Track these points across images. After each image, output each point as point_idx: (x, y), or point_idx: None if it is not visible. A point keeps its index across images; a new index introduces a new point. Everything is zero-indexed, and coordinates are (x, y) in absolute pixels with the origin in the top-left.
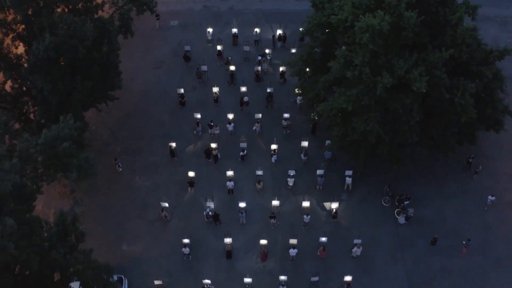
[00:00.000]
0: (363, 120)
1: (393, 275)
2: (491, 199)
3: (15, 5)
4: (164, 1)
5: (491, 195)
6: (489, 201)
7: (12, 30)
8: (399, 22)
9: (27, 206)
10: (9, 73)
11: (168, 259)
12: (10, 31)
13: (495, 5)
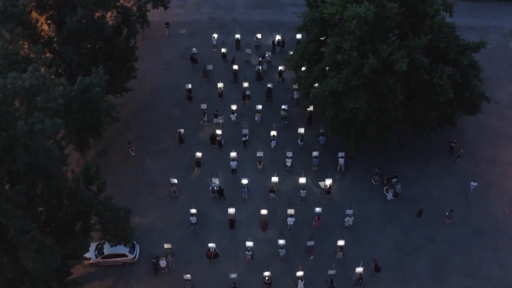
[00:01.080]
0: (352, 99)
1: (383, 244)
2: (473, 185)
3: None
4: (173, 13)
5: (473, 181)
6: (472, 187)
7: (47, 11)
8: (382, 12)
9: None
10: (42, 49)
11: (176, 229)
12: (44, 12)
13: (476, 16)
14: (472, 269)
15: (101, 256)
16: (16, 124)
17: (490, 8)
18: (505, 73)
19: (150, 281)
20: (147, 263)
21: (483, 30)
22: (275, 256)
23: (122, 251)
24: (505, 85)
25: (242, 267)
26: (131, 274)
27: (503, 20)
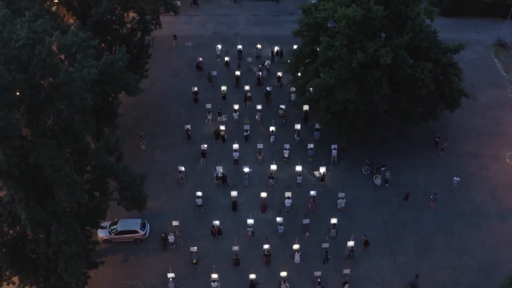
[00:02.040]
0: (343, 91)
1: (373, 224)
2: (456, 179)
3: None
4: (180, 28)
5: (456, 176)
6: (455, 181)
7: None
8: (369, 14)
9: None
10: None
11: (183, 211)
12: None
13: (460, 31)
14: (455, 247)
15: (115, 233)
16: (58, 74)
17: (473, 24)
18: (486, 80)
19: (159, 255)
20: (156, 240)
21: (467, 43)
22: (274, 233)
23: (133, 228)
24: (486, 89)
25: (243, 243)
26: (141, 250)
27: (485, 35)
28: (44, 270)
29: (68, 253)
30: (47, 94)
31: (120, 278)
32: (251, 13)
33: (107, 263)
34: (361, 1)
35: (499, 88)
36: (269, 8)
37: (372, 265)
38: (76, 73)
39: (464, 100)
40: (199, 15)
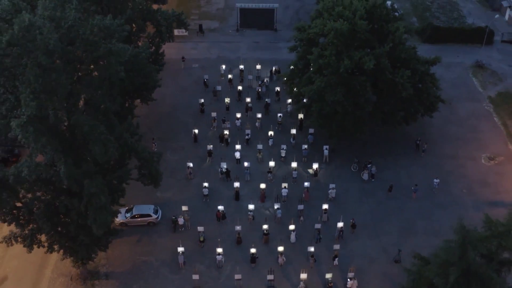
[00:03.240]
0: (332, 93)
1: (360, 211)
2: (436, 181)
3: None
4: (187, 53)
5: (435, 178)
6: (435, 184)
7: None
8: (354, 27)
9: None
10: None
11: (191, 200)
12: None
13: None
14: (434, 231)
15: (130, 216)
16: (98, 49)
17: (454, 49)
18: (465, 95)
19: (170, 236)
20: (167, 224)
21: (448, 65)
22: (272, 219)
23: (147, 212)
24: (464, 103)
25: (245, 225)
26: (154, 232)
27: (465, 58)
28: (75, 226)
29: (98, 205)
30: (87, 67)
31: (135, 255)
32: (252, 40)
33: (124, 242)
34: (348, 16)
35: (476, 102)
36: (268, 36)
37: (360, 244)
38: (113, 48)
39: (444, 111)
40: (205, 42)
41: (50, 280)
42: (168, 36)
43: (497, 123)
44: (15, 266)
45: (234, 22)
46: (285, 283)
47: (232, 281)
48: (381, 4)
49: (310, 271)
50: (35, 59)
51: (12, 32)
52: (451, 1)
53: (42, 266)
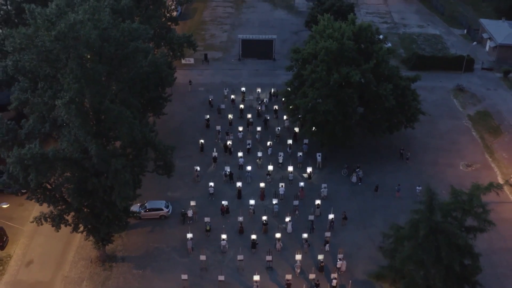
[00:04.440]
0: (324, 104)
1: (349, 208)
2: (418, 189)
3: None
4: (194, 78)
5: (418, 186)
6: (418, 191)
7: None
8: (342, 46)
9: None
10: None
11: (198, 198)
12: None
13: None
14: None
15: (144, 210)
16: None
17: (437, 75)
18: (446, 114)
19: (179, 227)
20: (177, 218)
21: (431, 88)
22: (271, 213)
23: (159, 206)
24: (446, 120)
25: (246, 218)
26: (165, 224)
27: (447, 82)
28: (101, 201)
29: (123, 180)
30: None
31: (148, 242)
32: (253, 68)
33: (138, 232)
34: (337, 37)
35: (456, 119)
36: (268, 65)
37: (348, 234)
38: (140, 46)
39: (426, 126)
40: (210, 69)
41: (72, 263)
42: (179, 54)
43: (475, 137)
44: (40, 252)
45: (236, 52)
46: (282, 264)
47: (235, 263)
48: (367, 27)
49: (304, 255)
50: (77, 51)
51: (59, 28)
52: (436, 35)
53: (64, 252)
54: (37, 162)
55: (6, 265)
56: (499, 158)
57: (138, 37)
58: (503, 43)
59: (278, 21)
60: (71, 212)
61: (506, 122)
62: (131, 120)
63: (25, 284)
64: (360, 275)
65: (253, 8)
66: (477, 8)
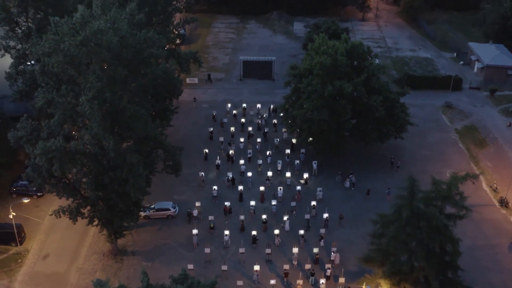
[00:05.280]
0: (319, 114)
1: (343, 209)
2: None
3: None
4: (198, 96)
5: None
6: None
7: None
8: (336, 62)
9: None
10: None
11: (202, 202)
12: None
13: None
14: None
15: (153, 210)
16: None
17: (427, 94)
18: (434, 128)
19: (185, 226)
20: (183, 218)
21: (421, 105)
22: (270, 214)
23: (167, 207)
24: (435, 133)
25: (247, 218)
26: (172, 223)
27: (436, 100)
28: (116, 194)
29: (137, 173)
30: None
31: (156, 239)
32: (253, 88)
33: (147, 230)
34: (331, 53)
35: (444, 133)
36: (267, 84)
37: (342, 232)
38: (154, 52)
39: (415, 138)
40: (213, 89)
41: (86, 257)
42: (186, 68)
43: (461, 148)
44: (55, 247)
45: (238, 73)
46: (280, 257)
47: (237, 256)
48: (358, 45)
49: (300, 249)
50: (100, 55)
51: (85, 34)
52: (427, 58)
53: (78, 247)
54: (60, 153)
55: (24, 258)
56: (484, 166)
57: (152, 44)
58: (490, 64)
59: (277, 46)
60: (87, 206)
61: (492, 135)
62: (146, 118)
63: (42, 274)
64: (352, 267)
65: (254, 33)
66: (467, 34)
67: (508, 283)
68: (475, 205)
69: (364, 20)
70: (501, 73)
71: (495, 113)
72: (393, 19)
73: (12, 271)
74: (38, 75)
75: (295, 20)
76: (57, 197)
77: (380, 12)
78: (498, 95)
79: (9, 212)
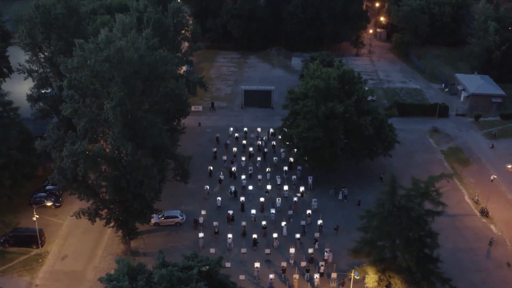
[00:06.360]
0: (313, 132)
1: (335, 218)
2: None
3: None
4: (202, 122)
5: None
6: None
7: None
8: (329, 85)
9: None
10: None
11: (207, 211)
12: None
13: (406, 124)
14: None
15: (162, 217)
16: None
17: (415, 120)
18: (421, 149)
19: (192, 232)
20: (190, 225)
21: (409, 130)
22: (269, 221)
23: (175, 215)
24: (422, 154)
25: (248, 224)
26: (180, 229)
27: (423, 125)
28: (132, 195)
29: (151, 174)
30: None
31: (165, 242)
32: (254, 115)
33: (157, 235)
34: (324, 78)
35: (431, 153)
36: (267, 112)
37: (334, 237)
38: (169, 68)
39: (403, 158)
40: (216, 116)
41: (101, 258)
42: (193, 91)
43: (446, 166)
44: (73, 250)
45: (239, 102)
46: (278, 257)
47: (239, 257)
48: (349, 71)
49: (297, 250)
50: (122, 70)
51: (109, 52)
52: (416, 89)
53: (94, 249)
54: (85, 156)
55: (45, 258)
56: (467, 182)
57: (166, 62)
58: (475, 92)
59: (276, 78)
60: (104, 209)
61: (475, 156)
62: (160, 126)
63: (61, 272)
64: (343, 266)
65: (254, 67)
66: (455, 67)
67: (486, 280)
68: (458, 214)
69: (358, 56)
70: (485, 101)
71: (479, 136)
72: (385, 55)
73: (33, 269)
74: (65, 88)
75: (293, 56)
76: (72, 208)
77: (374, 48)
78: (482, 120)
79: (29, 219)
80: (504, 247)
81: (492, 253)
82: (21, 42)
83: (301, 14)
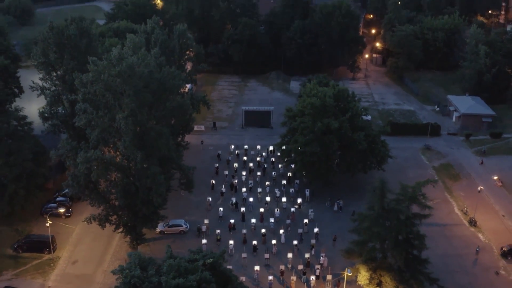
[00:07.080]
0: (310, 146)
1: (331, 227)
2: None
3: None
4: (204, 140)
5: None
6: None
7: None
8: (324, 103)
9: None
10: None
11: (210, 221)
12: None
13: (399, 143)
14: None
15: (167, 226)
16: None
17: (407, 138)
18: (414, 165)
19: (195, 239)
20: (193, 233)
21: (403, 148)
22: (269, 229)
23: (179, 223)
24: (414, 169)
25: (249, 232)
26: (184, 237)
27: (416, 143)
28: (141, 201)
29: (159, 181)
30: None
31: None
32: (254, 134)
33: (162, 242)
34: (320, 96)
35: (423, 169)
36: (266, 131)
37: (330, 244)
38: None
39: (396, 174)
40: (218, 135)
41: (109, 263)
42: (197, 108)
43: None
44: (83, 255)
45: (240, 122)
46: (277, 262)
47: (240, 261)
48: (344, 90)
49: (294, 256)
50: (133, 83)
51: (121, 67)
52: (410, 110)
53: (103, 255)
54: (98, 162)
55: (56, 263)
56: (456, 195)
57: (174, 77)
58: (466, 112)
59: (275, 100)
60: (114, 215)
61: (465, 171)
62: (168, 136)
63: (72, 275)
64: (338, 270)
65: (254, 90)
66: (447, 89)
67: (473, 283)
68: (447, 224)
69: (354, 79)
70: (476, 121)
71: (469, 153)
72: (381, 78)
73: (46, 273)
74: (79, 101)
75: (292, 79)
76: (82, 218)
77: (370, 72)
78: (473, 139)
79: (41, 228)
80: (491, 253)
81: (479, 259)
82: (35, 61)
83: (300, 40)
